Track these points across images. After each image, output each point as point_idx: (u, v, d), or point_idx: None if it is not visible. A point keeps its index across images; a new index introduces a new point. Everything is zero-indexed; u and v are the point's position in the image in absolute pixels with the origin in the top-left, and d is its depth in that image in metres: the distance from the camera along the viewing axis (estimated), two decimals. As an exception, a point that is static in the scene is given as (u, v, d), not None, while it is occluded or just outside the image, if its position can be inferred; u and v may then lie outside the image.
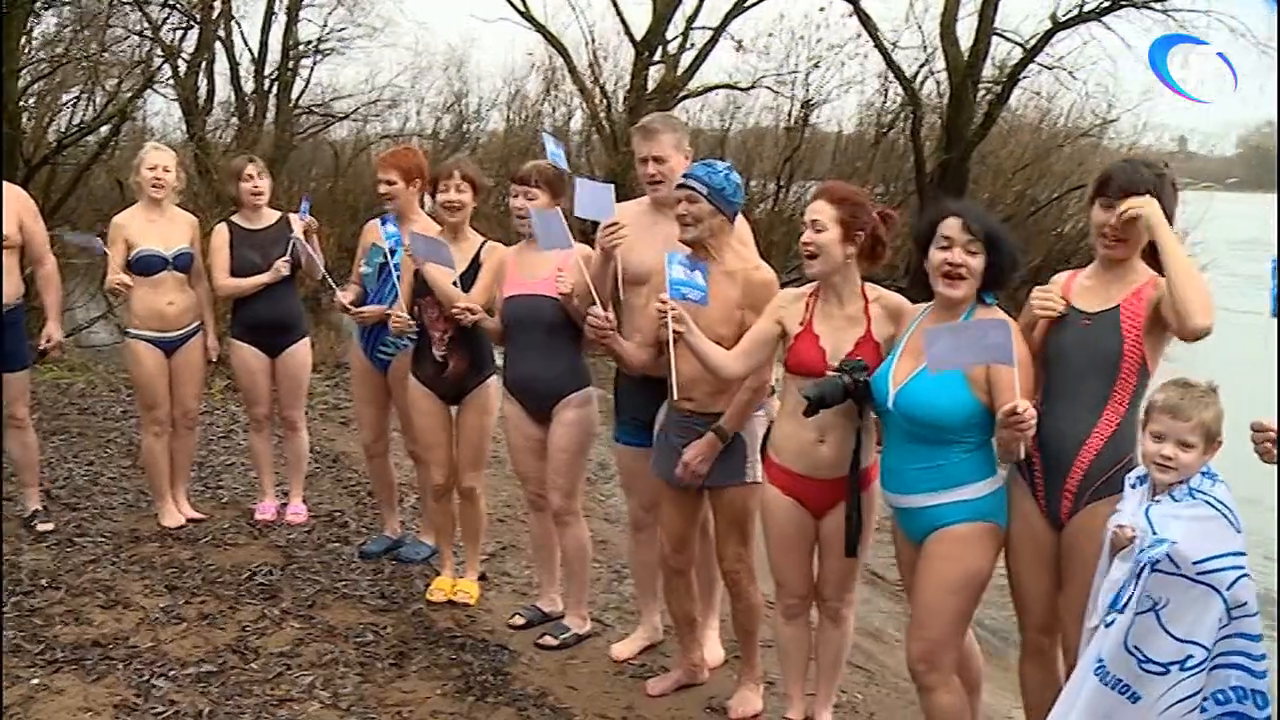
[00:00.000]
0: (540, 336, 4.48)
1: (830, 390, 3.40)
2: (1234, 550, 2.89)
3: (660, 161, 4.16)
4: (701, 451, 3.85)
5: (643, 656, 4.58)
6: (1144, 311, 3.18)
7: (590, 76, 19.28)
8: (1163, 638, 2.90)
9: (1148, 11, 18.64)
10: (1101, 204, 3.25)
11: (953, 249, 3.25)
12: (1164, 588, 2.89)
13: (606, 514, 6.54)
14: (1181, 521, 2.90)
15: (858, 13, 18.97)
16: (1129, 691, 2.94)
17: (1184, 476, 2.98)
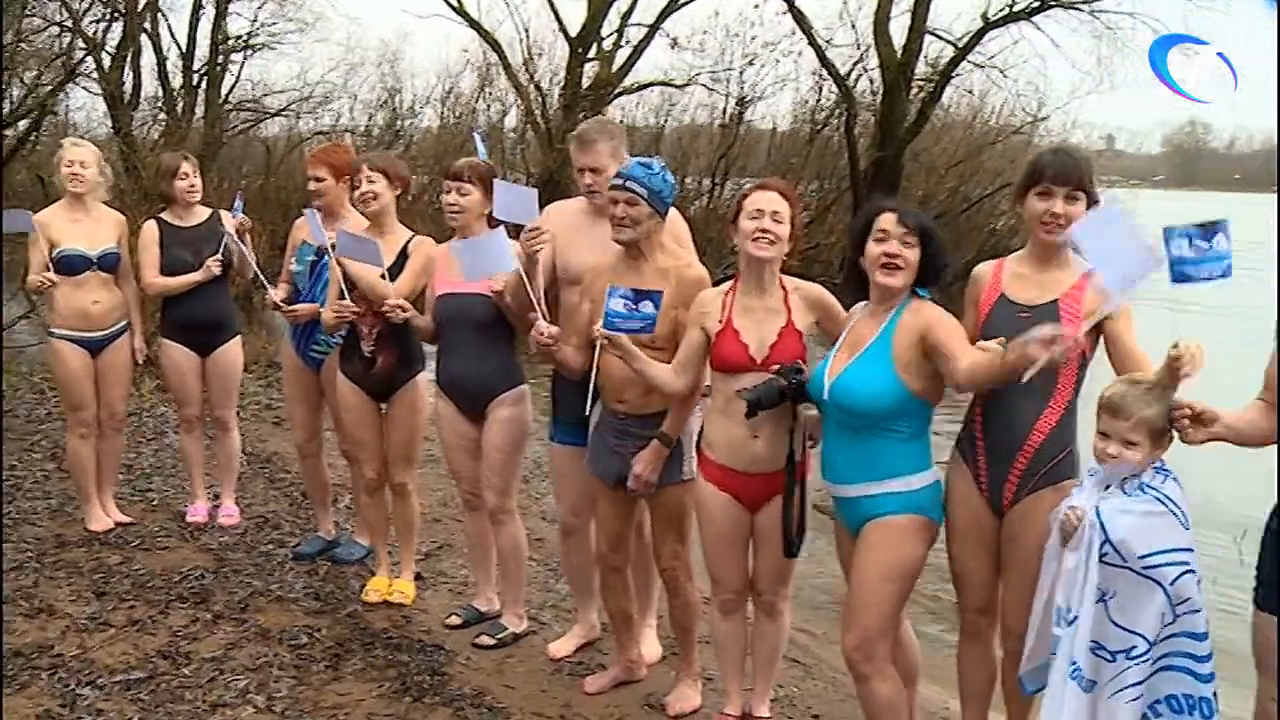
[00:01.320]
0: (472, 335, 4.45)
1: (766, 394, 3.46)
2: (1180, 546, 2.94)
3: (597, 172, 4.15)
4: (650, 461, 3.85)
5: (580, 654, 4.58)
6: (1083, 307, 3.24)
7: (525, 73, 19.25)
8: (1109, 627, 2.97)
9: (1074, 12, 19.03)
10: (1037, 193, 3.31)
11: (889, 241, 3.30)
12: (1111, 579, 2.96)
13: (543, 512, 6.52)
14: (1131, 516, 2.96)
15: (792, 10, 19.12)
16: (1084, 681, 3.01)
17: (1134, 471, 3.03)
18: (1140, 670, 2.96)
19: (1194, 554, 2.97)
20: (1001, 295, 3.38)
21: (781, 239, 3.60)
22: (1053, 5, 18.90)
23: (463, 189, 4.45)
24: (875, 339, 3.32)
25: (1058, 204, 3.27)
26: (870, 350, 3.32)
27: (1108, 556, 2.95)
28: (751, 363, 3.56)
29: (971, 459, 3.38)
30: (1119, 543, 2.92)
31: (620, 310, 3.58)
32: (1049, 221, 3.29)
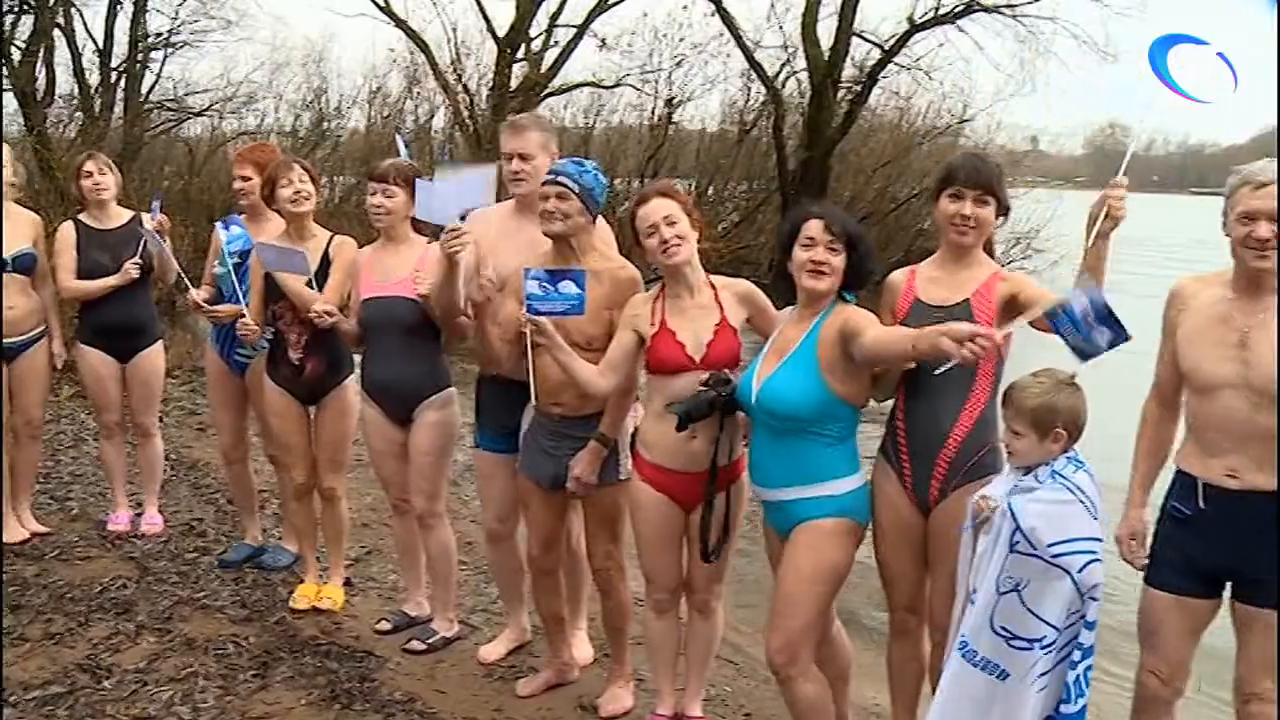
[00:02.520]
0: (399, 338, 4.41)
1: (696, 406, 3.48)
2: (1088, 536, 3.00)
3: (526, 159, 4.12)
4: (589, 462, 3.84)
5: (511, 658, 4.55)
6: (994, 304, 3.31)
7: (453, 74, 19.12)
8: (1026, 616, 3.02)
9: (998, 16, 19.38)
10: (949, 195, 3.38)
11: (816, 247, 3.33)
12: (1024, 568, 3.01)
13: (473, 516, 6.45)
14: (1041, 505, 3.02)
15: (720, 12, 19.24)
16: (998, 670, 3.05)
17: (1027, 462, 3.10)
18: (1048, 659, 3.02)
19: (1102, 544, 3.03)
20: (916, 299, 3.44)
21: (686, 237, 3.60)
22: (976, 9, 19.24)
23: (388, 190, 4.40)
24: (800, 343, 3.34)
25: (967, 206, 3.35)
26: (796, 354, 3.34)
27: (1019, 545, 3.00)
28: (690, 362, 3.57)
29: (895, 460, 3.43)
30: (1029, 531, 2.98)
31: (537, 292, 3.59)
32: (959, 223, 3.37)
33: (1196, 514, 3.14)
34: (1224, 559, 3.13)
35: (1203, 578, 3.18)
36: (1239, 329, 3.09)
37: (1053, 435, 3.08)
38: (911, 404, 3.40)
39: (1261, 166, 3.06)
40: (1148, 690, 3.30)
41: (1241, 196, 3.06)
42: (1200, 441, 3.18)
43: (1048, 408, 3.07)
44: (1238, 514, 3.08)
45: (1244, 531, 3.07)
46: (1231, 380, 3.08)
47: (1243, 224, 3.06)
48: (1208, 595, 3.20)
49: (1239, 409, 3.07)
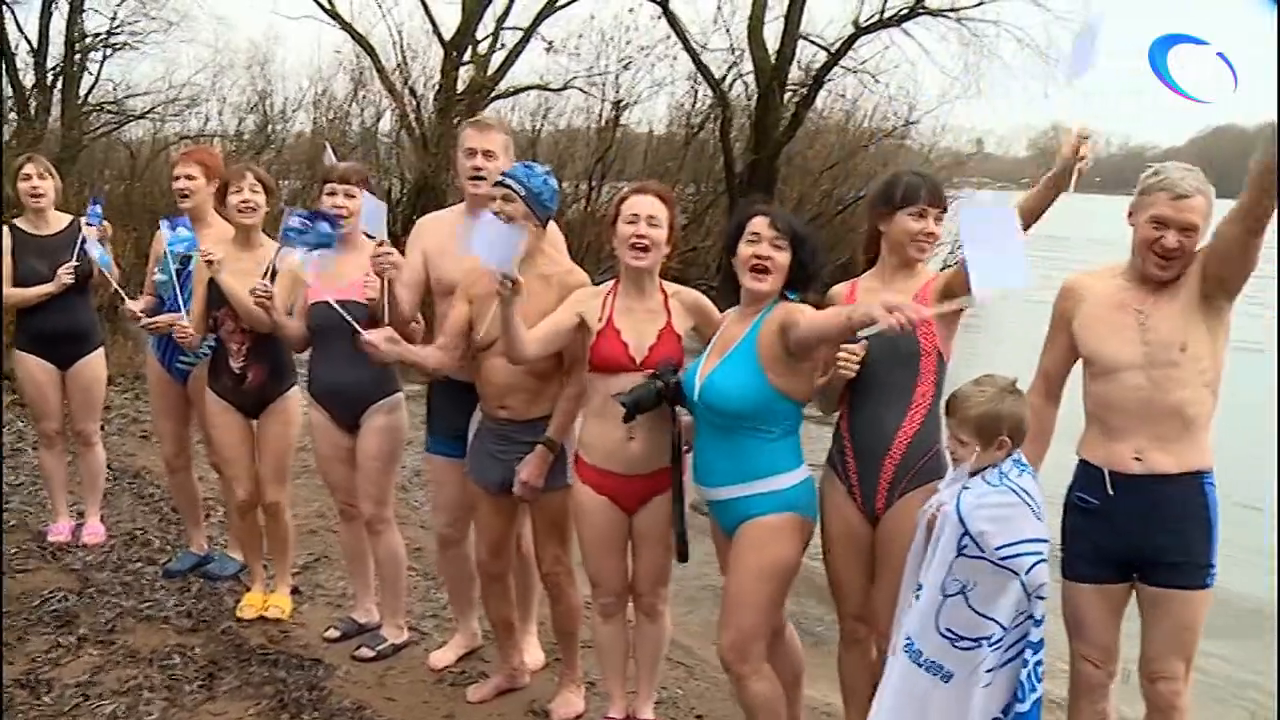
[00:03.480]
0: (347, 342, 4.35)
1: (644, 396, 3.47)
2: (1034, 537, 3.04)
3: (490, 156, 4.11)
4: (536, 466, 3.83)
5: (462, 663, 4.54)
6: (931, 303, 3.33)
7: (399, 77, 18.97)
8: (973, 617, 3.06)
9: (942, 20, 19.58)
10: (912, 214, 3.42)
11: (760, 243, 3.35)
12: (971, 571, 3.05)
13: (423, 521, 6.42)
14: (988, 509, 3.05)
15: (666, 15, 19.25)
16: (941, 671, 3.09)
17: (976, 468, 3.13)
18: (995, 656, 3.06)
19: (1047, 545, 3.08)
20: None
21: (658, 244, 3.62)
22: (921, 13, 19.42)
23: (350, 192, 4.37)
24: (741, 340, 3.37)
25: (930, 223, 3.41)
26: (737, 350, 3.36)
27: (967, 549, 3.04)
28: (630, 363, 3.58)
29: (842, 469, 3.46)
30: (978, 535, 3.01)
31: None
32: (923, 240, 3.41)
33: (1105, 502, 3.24)
34: (1132, 544, 3.23)
35: (1115, 564, 3.29)
36: (1137, 313, 3.21)
37: (997, 443, 3.11)
38: (855, 413, 3.44)
39: (1182, 175, 3.13)
40: (1084, 676, 3.38)
41: (1158, 200, 3.14)
42: (1104, 427, 3.27)
43: (992, 416, 3.10)
44: (1144, 498, 3.19)
45: (1150, 515, 3.18)
46: (1135, 361, 3.19)
47: (1154, 228, 3.15)
48: (1123, 579, 3.30)
49: (1142, 388, 3.18)
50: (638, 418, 3.51)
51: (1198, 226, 3.13)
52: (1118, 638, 3.36)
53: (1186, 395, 3.16)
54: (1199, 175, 3.16)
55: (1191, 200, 3.10)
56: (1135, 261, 3.25)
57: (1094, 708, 3.40)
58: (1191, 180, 3.12)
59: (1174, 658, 3.22)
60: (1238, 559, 4.56)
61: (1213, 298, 3.15)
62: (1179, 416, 3.17)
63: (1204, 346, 3.17)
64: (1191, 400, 3.17)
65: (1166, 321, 3.17)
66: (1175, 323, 3.16)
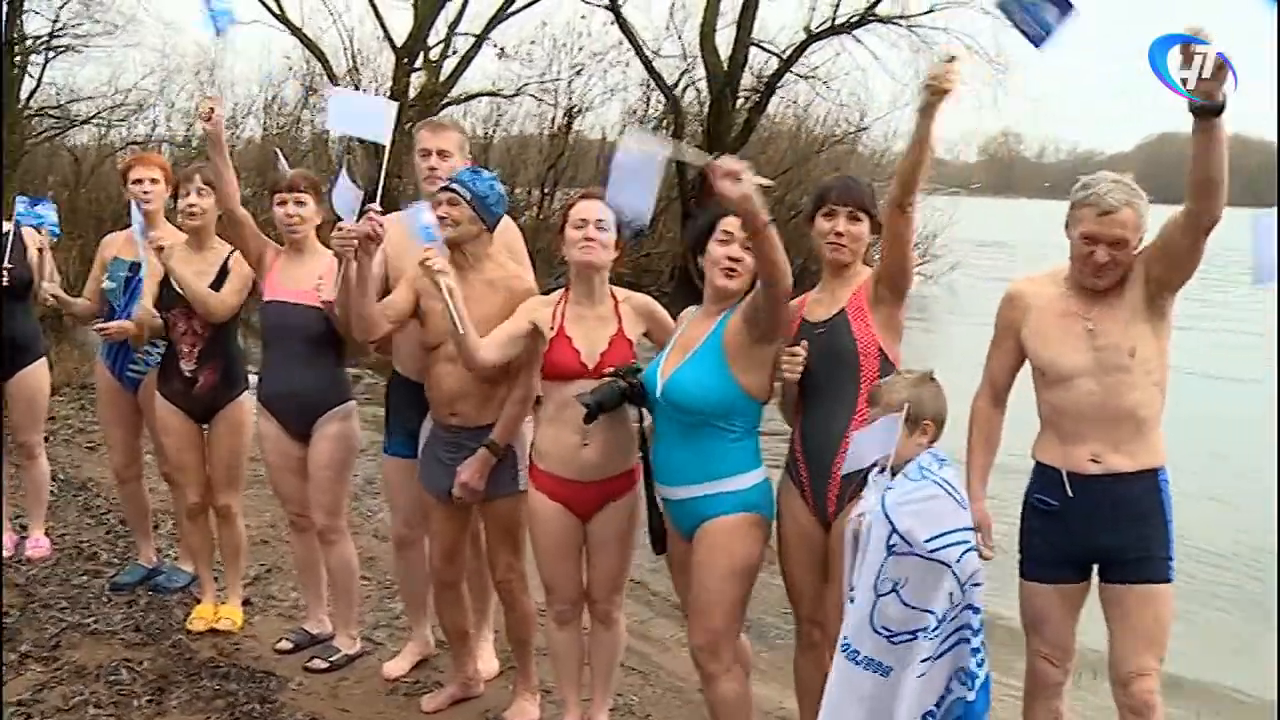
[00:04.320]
0: (298, 347, 4.35)
1: (607, 396, 3.46)
2: (961, 527, 3.08)
3: (445, 156, 4.12)
4: (477, 469, 3.81)
5: (416, 673, 4.50)
6: (866, 304, 3.40)
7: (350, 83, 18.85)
8: (907, 611, 3.07)
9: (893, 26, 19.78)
10: (824, 214, 3.47)
11: (733, 244, 3.37)
12: (901, 568, 3.06)
13: (375, 530, 6.37)
14: (913, 504, 3.07)
15: (619, 21, 19.33)
16: (881, 668, 3.10)
17: (898, 462, 3.14)
18: (931, 645, 3.07)
19: (974, 533, 3.12)
20: (802, 320, 3.51)
21: (607, 246, 3.63)
22: (872, 20, 19.62)
23: (299, 199, 4.34)
24: (707, 337, 3.38)
25: (840, 223, 3.43)
26: (703, 348, 3.38)
27: (896, 547, 3.05)
28: (583, 369, 3.58)
29: (796, 476, 3.48)
30: (905, 532, 3.03)
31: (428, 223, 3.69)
32: (835, 240, 3.44)
33: (1064, 503, 3.29)
34: (1091, 543, 3.27)
35: (1073, 563, 3.33)
36: (1084, 321, 3.25)
37: (921, 427, 3.16)
38: (805, 418, 3.47)
39: (1109, 189, 3.16)
40: (1041, 674, 3.42)
41: (1085, 216, 3.19)
42: (1059, 432, 3.32)
43: (915, 400, 3.15)
44: (1103, 498, 3.24)
45: (1109, 514, 3.24)
46: (1087, 368, 3.24)
47: (1085, 243, 3.20)
48: (1080, 579, 3.35)
49: (1095, 393, 3.23)
50: (599, 418, 3.50)
51: (1127, 240, 3.16)
52: (1074, 637, 3.41)
53: (1138, 397, 3.22)
54: (1127, 185, 3.17)
55: (1118, 215, 3.13)
56: (1074, 274, 3.30)
57: (1049, 705, 3.45)
58: (1118, 193, 3.14)
59: (1146, 654, 3.24)
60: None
61: (1156, 298, 3.21)
62: (1132, 419, 3.23)
63: (1151, 348, 3.23)
64: (1143, 402, 3.23)
65: (1114, 328, 3.22)
66: (1122, 329, 3.21)
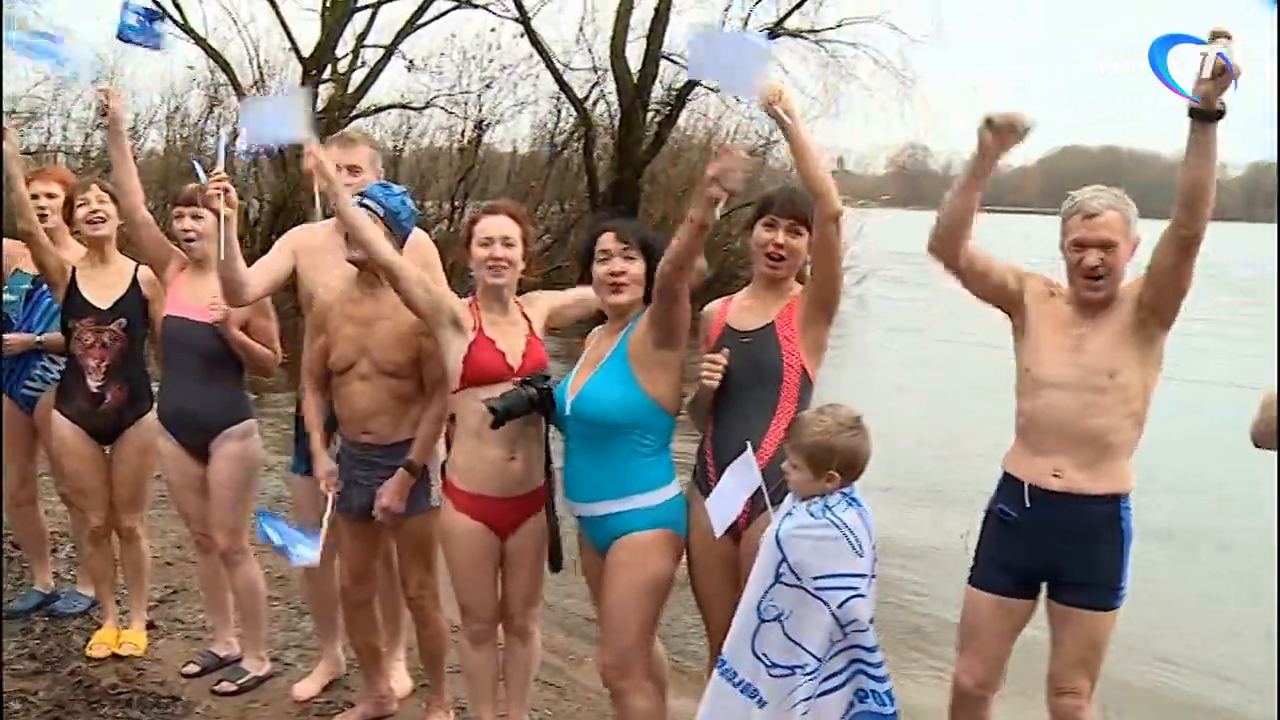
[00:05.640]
0: (197, 364, 4.27)
1: (516, 402, 3.44)
2: (850, 572, 3.08)
3: (355, 171, 4.08)
4: (397, 491, 3.78)
5: (327, 693, 4.43)
6: (797, 321, 3.41)
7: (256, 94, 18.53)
8: (787, 644, 3.08)
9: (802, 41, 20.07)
10: (764, 224, 3.45)
11: (612, 259, 3.39)
12: (787, 599, 3.07)
13: (286, 548, 6.26)
14: (808, 541, 3.08)
15: (529, 34, 19.31)
16: (756, 696, 3.11)
17: (801, 494, 3.16)
18: (810, 687, 3.08)
19: (867, 580, 3.10)
20: (727, 326, 3.51)
21: (514, 263, 3.62)
22: (781, 34, 19.88)
23: (198, 213, 4.26)
24: (613, 350, 3.39)
25: (780, 235, 3.42)
26: (609, 361, 3.39)
27: (784, 577, 3.06)
28: (508, 370, 3.56)
29: (706, 487, 3.45)
30: (796, 564, 3.05)
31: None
32: (773, 251, 3.44)
33: (1022, 515, 3.30)
34: (1045, 559, 3.29)
35: (1024, 579, 3.35)
36: (1074, 334, 3.28)
37: (826, 475, 3.12)
38: (719, 428, 3.45)
39: (1093, 195, 3.23)
40: (963, 691, 3.46)
41: (1073, 225, 3.24)
42: (1028, 443, 3.34)
43: (824, 448, 3.12)
44: (1060, 514, 3.25)
45: (1064, 532, 3.24)
46: (1066, 381, 3.25)
47: (1075, 251, 3.24)
48: (1027, 596, 3.37)
49: (1069, 409, 3.24)
50: (509, 425, 3.48)
51: (1115, 243, 3.21)
52: (1006, 656, 3.42)
53: (1109, 422, 3.23)
54: (1111, 194, 3.25)
55: (1102, 217, 3.19)
56: (1071, 287, 3.33)
57: (974, 715, 3.48)
58: (1102, 199, 3.22)
59: (1079, 674, 3.29)
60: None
61: (1147, 324, 3.23)
62: (1099, 442, 3.23)
63: (1133, 374, 3.23)
64: (1114, 428, 3.23)
65: (1100, 346, 3.24)
66: (1108, 348, 3.23)
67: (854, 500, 3.16)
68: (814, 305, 3.40)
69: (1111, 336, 3.24)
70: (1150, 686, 5.61)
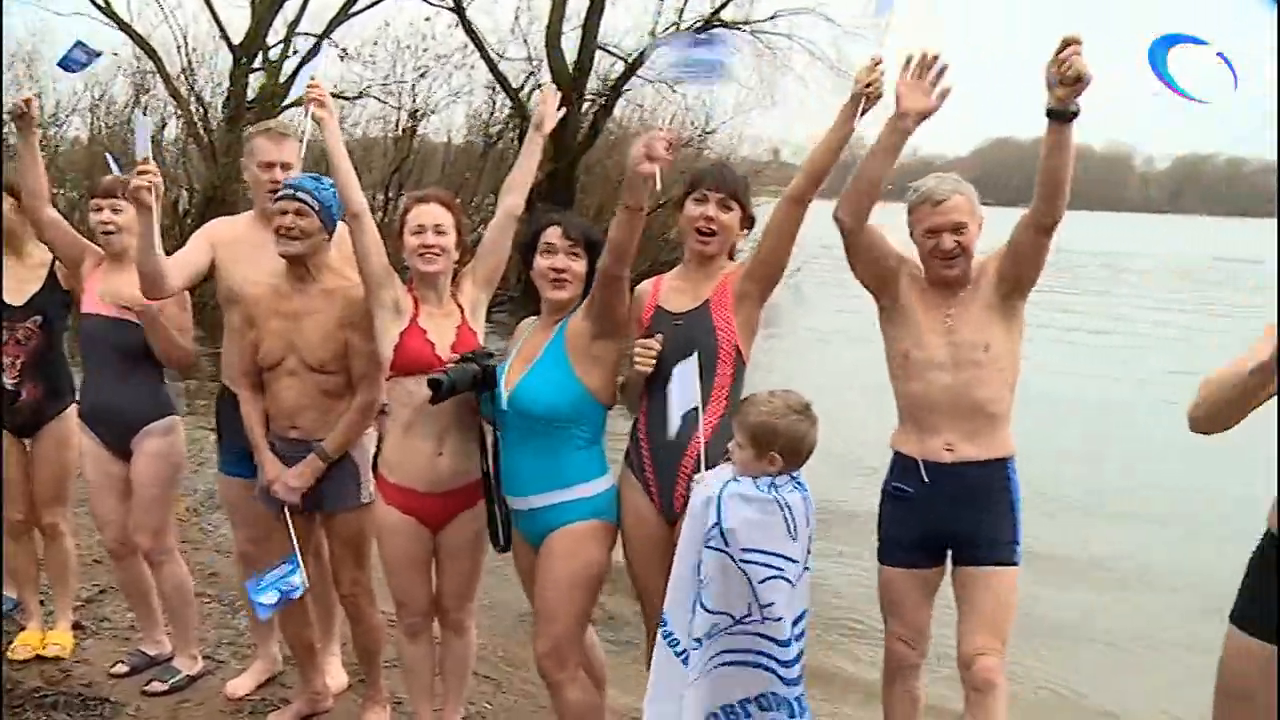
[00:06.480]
0: (118, 361, 4.19)
1: (460, 377, 3.40)
2: (780, 553, 3.10)
3: (287, 168, 4.01)
4: (306, 474, 3.74)
5: (262, 691, 4.37)
6: (730, 299, 3.42)
7: (184, 83, 18.21)
8: (703, 614, 3.09)
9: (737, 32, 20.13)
10: (694, 199, 3.47)
11: (556, 254, 3.37)
12: (713, 566, 3.08)
13: (217, 545, 6.15)
14: (748, 509, 3.10)
15: (463, 23, 19.20)
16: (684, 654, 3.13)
17: (744, 473, 3.16)
18: (720, 642, 3.10)
19: (797, 566, 3.13)
20: (658, 307, 3.52)
21: (447, 250, 3.59)
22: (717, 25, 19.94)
23: (117, 206, 4.17)
24: (549, 344, 3.39)
25: (711, 208, 3.45)
26: (546, 354, 3.38)
27: (713, 541, 3.07)
28: (437, 360, 3.54)
29: (639, 471, 3.47)
30: (728, 530, 3.06)
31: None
32: (703, 226, 3.45)
33: (920, 489, 3.43)
34: (945, 527, 3.42)
35: (928, 549, 3.48)
36: (945, 315, 3.42)
37: (768, 457, 3.14)
38: (652, 412, 3.45)
39: (938, 182, 3.38)
40: (898, 656, 3.55)
41: (923, 214, 3.38)
42: (916, 424, 3.47)
43: (768, 429, 3.14)
44: (955, 484, 3.39)
45: (960, 500, 3.39)
46: (944, 361, 3.40)
47: (929, 237, 3.39)
48: (935, 563, 3.50)
49: (950, 386, 3.38)
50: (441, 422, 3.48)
51: (965, 224, 3.36)
52: (929, 620, 3.56)
53: (990, 393, 3.39)
54: (953, 178, 3.43)
55: (950, 201, 3.35)
56: (928, 272, 3.46)
57: (905, 686, 3.58)
58: (946, 185, 3.38)
59: (990, 635, 3.37)
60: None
61: (1009, 298, 3.40)
62: (984, 412, 3.39)
63: (1003, 346, 3.40)
64: (994, 398, 3.40)
65: (970, 324, 3.39)
66: (978, 325, 3.39)
67: (800, 485, 3.19)
68: (750, 278, 3.42)
69: (979, 314, 3.40)
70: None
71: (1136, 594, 6.90)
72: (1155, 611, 6.56)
